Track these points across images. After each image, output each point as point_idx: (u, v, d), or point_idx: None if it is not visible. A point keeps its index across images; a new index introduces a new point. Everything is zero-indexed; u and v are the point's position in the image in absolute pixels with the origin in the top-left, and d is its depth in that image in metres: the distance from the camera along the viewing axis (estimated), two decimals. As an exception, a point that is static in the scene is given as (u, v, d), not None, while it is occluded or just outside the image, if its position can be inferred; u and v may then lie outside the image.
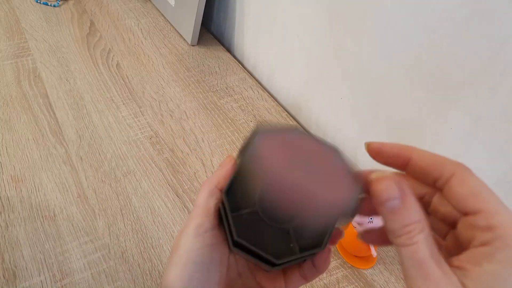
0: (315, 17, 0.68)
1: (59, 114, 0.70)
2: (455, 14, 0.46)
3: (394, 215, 0.21)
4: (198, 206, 0.27)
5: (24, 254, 0.51)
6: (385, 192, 0.21)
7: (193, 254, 0.26)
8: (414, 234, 0.20)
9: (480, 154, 0.49)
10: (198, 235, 0.26)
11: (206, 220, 0.27)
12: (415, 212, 0.21)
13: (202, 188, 0.28)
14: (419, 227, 0.20)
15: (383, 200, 0.21)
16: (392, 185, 0.21)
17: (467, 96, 0.48)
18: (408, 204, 0.21)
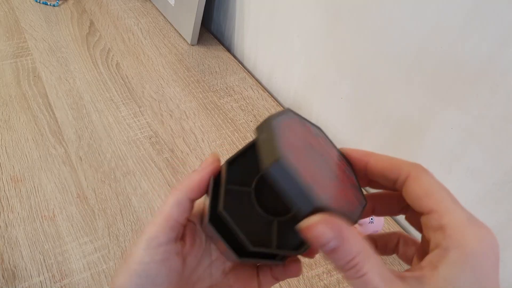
0: (315, 17, 0.68)
1: (59, 114, 0.70)
2: (455, 14, 0.46)
3: (336, 254, 0.20)
4: (160, 214, 0.26)
5: (24, 255, 0.51)
6: (320, 239, 0.20)
7: (139, 267, 0.25)
8: (361, 266, 0.20)
9: (480, 154, 0.49)
10: (149, 248, 0.25)
11: (162, 233, 0.26)
12: (355, 244, 0.20)
13: (172, 194, 0.27)
14: (363, 257, 0.20)
15: (320, 245, 0.20)
16: (325, 229, 0.20)
17: (467, 96, 0.48)
18: (345, 240, 0.20)
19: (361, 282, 0.20)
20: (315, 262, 0.54)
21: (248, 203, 0.27)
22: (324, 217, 0.20)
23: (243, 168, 0.27)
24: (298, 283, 0.52)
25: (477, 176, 0.50)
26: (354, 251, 0.20)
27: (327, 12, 0.65)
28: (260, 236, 0.27)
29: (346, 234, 0.20)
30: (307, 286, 0.52)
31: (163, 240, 0.26)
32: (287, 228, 0.27)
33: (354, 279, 0.20)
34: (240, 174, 0.27)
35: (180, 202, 0.26)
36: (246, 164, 0.27)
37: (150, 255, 0.25)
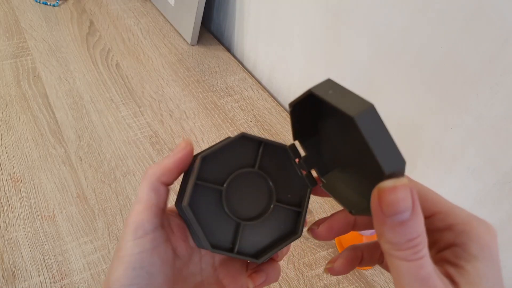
0: (315, 16, 0.68)
1: (59, 114, 0.70)
2: (456, 13, 0.46)
3: (402, 227, 0.18)
4: (139, 202, 0.26)
5: (24, 255, 0.51)
6: (400, 204, 0.18)
7: (131, 259, 0.25)
8: (420, 248, 0.18)
9: (480, 154, 0.49)
10: (136, 238, 0.25)
11: (146, 221, 0.25)
12: (422, 223, 0.18)
13: (144, 178, 0.26)
14: (424, 240, 0.18)
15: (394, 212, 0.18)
16: (408, 195, 0.18)
17: (468, 95, 0.48)
18: (418, 215, 0.18)
19: (413, 266, 0.18)
20: (315, 262, 0.54)
21: (217, 202, 0.27)
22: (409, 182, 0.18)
23: (217, 165, 0.27)
24: (298, 283, 0.52)
25: (477, 176, 0.50)
26: (420, 229, 0.18)
27: (327, 12, 0.65)
28: (222, 238, 0.27)
29: (419, 208, 0.18)
30: (307, 286, 0.52)
31: (148, 227, 0.25)
32: (252, 234, 0.27)
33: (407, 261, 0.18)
34: (213, 171, 0.27)
35: (154, 187, 0.26)
36: (221, 162, 0.27)
37: (139, 245, 0.25)
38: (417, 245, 0.18)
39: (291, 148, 0.28)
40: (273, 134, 0.72)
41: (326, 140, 0.27)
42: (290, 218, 0.28)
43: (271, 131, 0.72)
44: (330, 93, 0.21)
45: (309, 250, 0.55)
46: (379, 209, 0.18)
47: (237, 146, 0.27)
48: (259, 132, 0.72)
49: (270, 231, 0.27)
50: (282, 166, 0.28)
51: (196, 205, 0.26)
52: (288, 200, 0.28)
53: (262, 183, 0.28)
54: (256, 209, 0.27)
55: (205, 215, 0.26)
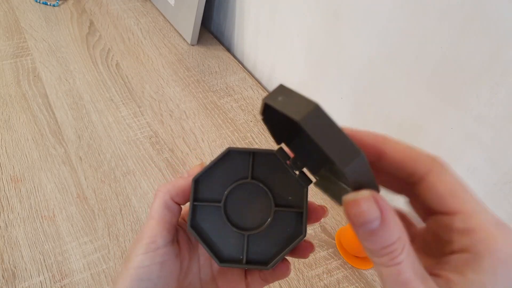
0: (315, 16, 0.68)
1: (59, 114, 0.70)
2: (456, 14, 0.46)
3: (374, 236, 0.19)
4: (152, 218, 0.27)
5: (24, 255, 0.51)
6: (364, 215, 0.18)
7: (140, 271, 0.25)
8: (396, 255, 0.18)
9: (480, 154, 0.49)
10: (148, 251, 0.26)
11: (159, 236, 0.26)
12: (395, 230, 0.19)
13: (158, 196, 0.27)
14: (401, 246, 0.18)
15: (361, 223, 0.19)
16: (372, 206, 0.18)
17: (468, 95, 0.48)
18: (388, 223, 0.18)
19: (393, 271, 0.19)
20: (315, 262, 0.54)
21: (219, 219, 0.28)
22: (372, 193, 0.19)
23: (211, 183, 0.28)
24: (298, 283, 0.52)
25: (477, 176, 0.50)
26: (394, 236, 0.18)
27: (327, 12, 0.65)
28: (230, 251, 0.28)
29: (389, 217, 0.19)
30: (307, 286, 0.52)
31: (161, 243, 0.26)
32: (258, 242, 0.28)
33: (386, 267, 0.19)
34: (209, 190, 0.28)
35: (168, 205, 0.27)
36: (215, 179, 0.28)
37: (150, 258, 0.26)
38: (392, 252, 0.18)
39: (279, 152, 0.28)
40: (273, 134, 0.72)
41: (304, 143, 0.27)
42: (293, 220, 0.28)
43: (271, 131, 0.72)
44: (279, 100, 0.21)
45: (309, 250, 0.55)
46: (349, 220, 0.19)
47: (227, 161, 0.28)
48: (259, 132, 0.72)
49: (275, 236, 0.28)
50: (275, 171, 0.28)
51: (199, 225, 0.27)
52: (289, 203, 0.28)
53: (258, 192, 0.28)
54: (258, 218, 0.28)
55: (209, 233, 0.28)
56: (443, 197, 0.20)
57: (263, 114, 0.24)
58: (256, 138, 0.70)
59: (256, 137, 0.71)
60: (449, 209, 0.20)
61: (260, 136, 0.71)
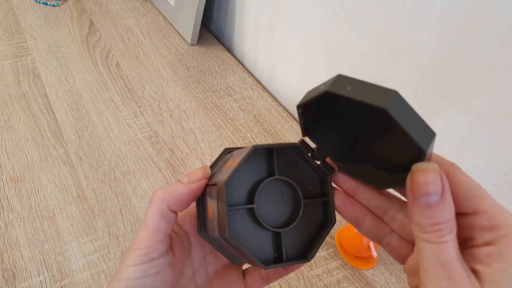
0: (315, 16, 0.68)
1: (59, 114, 0.70)
2: (456, 13, 0.46)
3: (429, 210, 0.19)
4: (147, 227, 0.25)
5: (24, 255, 0.51)
6: (428, 186, 0.19)
7: (132, 283, 0.24)
8: (445, 234, 0.19)
9: (480, 154, 0.49)
10: (141, 262, 0.25)
11: (154, 248, 0.25)
12: (450, 211, 0.20)
13: (153, 203, 0.26)
14: (450, 227, 0.19)
15: (422, 193, 0.19)
16: (438, 180, 0.19)
17: (468, 96, 0.48)
18: (445, 201, 0.19)
19: (436, 249, 0.19)
20: (315, 262, 0.54)
21: (252, 220, 0.27)
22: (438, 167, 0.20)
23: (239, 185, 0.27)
24: (298, 283, 0.52)
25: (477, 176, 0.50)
26: (448, 216, 0.19)
27: (327, 12, 0.65)
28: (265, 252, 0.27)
29: (448, 197, 0.20)
30: (307, 286, 0.52)
31: (155, 254, 0.25)
32: (293, 237, 0.27)
33: (430, 243, 0.19)
34: (238, 192, 0.27)
35: (164, 214, 0.26)
36: (242, 180, 0.27)
37: (142, 270, 0.25)
38: (441, 230, 0.19)
39: (301, 144, 0.28)
40: (273, 134, 0.72)
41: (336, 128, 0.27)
42: (319, 210, 0.28)
43: (271, 131, 0.72)
44: (349, 90, 0.21)
45: (309, 250, 0.55)
46: (410, 190, 0.20)
47: (251, 159, 0.27)
48: (259, 132, 0.72)
49: (305, 228, 0.28)
50: (297, 165, 0.28)
51: (235, 231, 0.26)
52: (311, 194, 0.28)
53: (285, 187, 0.28)
54: (286, 213, 0.28)
55: (245, 237, 0.26)
56: (464, 198, 0.21)
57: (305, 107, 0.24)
58: (256, 138, 0.70)
59: (256, 137, 0.71)
60: (471, 209, 0.21)
61: (260, 136, 0.71)
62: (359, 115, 0.25)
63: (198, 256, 0.30)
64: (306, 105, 0.24)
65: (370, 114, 0.23)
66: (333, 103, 0.25)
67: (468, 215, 0.21)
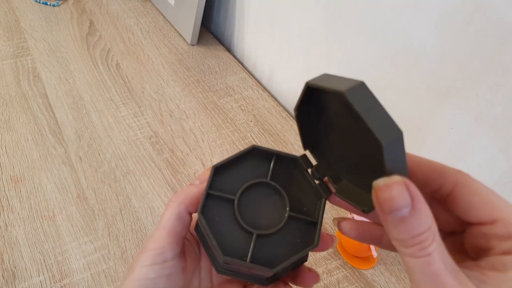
0: (315, 16, 0.68)
1: (59, 114, 0.70)
2: (456, 13, 0.46)
3: (404, 224, 0.18)
4: (163, 228, 0.25)
5: (24, 255, 0.51)
6: (395, 201, 0.18)
7: (145, 283, 0.24)
8: (427, 245, 0.18)
9: (480, 154, 0.49)
10: (155, 263, 0.25)
11: (168, 248, 0.25)
12: (426, 219, 0.18)
13: (170, 206, 0.26)
14: (431, 236, 0.18)
15: (391, 209, 0.18)
16: (403, 192, 0.18)
17: (468, 96, 0.48)
18: (418, 211, 0.18)
19: (423, 262, 0.18)
20: (315, 262, 0.54)
21: (230, 213, 0.27)
22: (404, 179, 0.18)
23: (230, 176, 0.27)
24: (298, 283, 0.52)
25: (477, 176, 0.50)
26: (425, 225, 0.18)
27: (327, 12, 0.64)
28: (235, 248, 0.26)
29: (420, 205, 0.18)
30: (307, 286, 0.52)
31: (169, 255, 0.25)
32: (267, 245, 0.27)
33: (415, 258, 0.18)
34: (226, 182, 0.27)
35: (181, 215, 0.26)
36: (233, 173, 0.27)
37: (156, 270, 0.25)
38: (423, 241, 0.18)
39: (302, 158, 0.28)
40: (273, 134, 0.72)
41: (334, 145, 0.27)
42: (306, 229, 0.27)
43: (271, 131, 0.72)
44: (324, 82, 0.21)
45: (309, 250, 0.55)
46: (378, 207, 0.19)
47: (249, 158, 0.27)
48: (259, 132, 0.72)
49: (285, 242, 0.27)
50: (294, 177, 0.28)
51: (210, 215, 0.26)
52: (303, 212, 0.27)
53: (275, 194, 0.27)
54: (270, 220, 0.27)
55: (218, 225, 0.26)
56: (477, 207, 0.20)
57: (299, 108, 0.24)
58: (256, 138, 0.70)
59: (256, 137, 0.71)
60: (487, 218, 0.20)
61: (260, 136, 0.71)
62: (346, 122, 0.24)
63: (205, 266, 0.30)
64: (300, 107, 0.24)
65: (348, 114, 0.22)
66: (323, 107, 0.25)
67: (485, 225, 0.20)
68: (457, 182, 0.21)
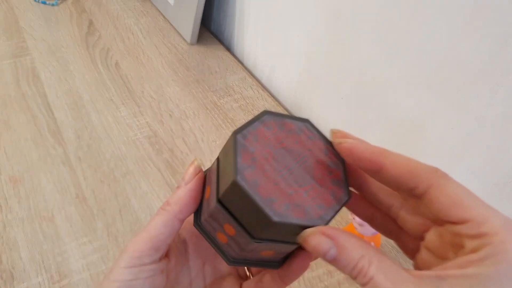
0: (315, 16, 0.67)
1: (58, 114, 0.70)
2: (456, 13, 0.46)
3: (338, 263, 0.20)
4: (147, 232, 0.25)
5: (22, 255, 0.51)
6: (318, 248, 0.20)
7: (122, 284, 0.24)
8: (365, 271, 0.19)
9: (481, 155, 0.49)
10: (133, 266, 0.25)
11: (146, 254, 0.25)
12: (355, 250, 0.20)
13: (160, 213, 0.26)
14: (366, 261, 0.20)
15: (321, 255, 0.20)
16: (322, 239, 0.20)
17: (468, 96, 0.48)
18: (343, 246, 0.20)
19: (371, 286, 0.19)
20: (315, 263, 0.54)
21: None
22: (318, 228, 0.21)
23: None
24: (299, 284, 0.52)
25: (477, 176, 0.50)
26: (355, 257, 0.20)
27: (328, 11, 0.64)
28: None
29: (343, 241, 0.20)
30: (307, 287, 0.52)
31: (147, 260, 0.25)
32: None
33: (364, 285, 0.20)
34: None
35: (168, 223, 0.26)
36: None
37: (133, 273, 0.25)
38: (361, 270, 0.20)
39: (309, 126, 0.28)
40: (273, 134, 0.71)
41: None
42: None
43: (271, 131, 0.72)
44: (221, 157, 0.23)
45: (309, 251, 0.55)
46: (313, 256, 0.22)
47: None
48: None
49: None
50: None
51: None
52: None
53: None
54: None
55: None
56: (448, 207, 0.21)
57: None
58: (256, 138, 0.70)
59: (256, 137, 0.70)
60: (457, 218, 0.21)
61: (260, 136, 0.71)
62: None
63: (195, 265, 0.30)
64: None
65: None
66: None
67: (457, 224, 0.21)
68: (431, 183, 0.21)
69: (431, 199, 0.22)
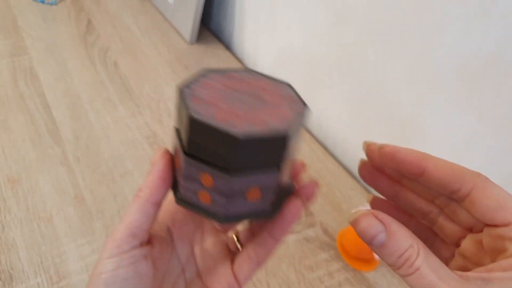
0: (316, 14, 0.67)
1: (56, 114, 0.69)
2: (458, 13, 0.45)
3: (385, 249, 0.20)
4: (122, 222, 0.26)
5: (21, 256, 0.50)
6: (368, 230, 0.20)
7: (106, 276, 0.25)
8: (412, 261, 0.19)
9: (483, 155, 0.49)
10: (112, 256, 0.25)
11: (124, 241, 0.25)
12: (404, 239, 0.20)
13: (134, 201, 0.26)
14: (415, 252, 0.19)
15: (369, 239, 0.20)
16: (373, 221, 0.20)
17: (471, 95, 0.47)
18: (394, 233, 0.20)
19: (415, 277, 0.19)
20: (316, 264, 0.54)
21: None
22: (371, 210, 0.20)
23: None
24: (299, 285, 0.51)
25: (479, 176, 0.50)
26: (404, 245, 0.19)
27: (328, 9, 0.64)
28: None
29: (394, 228, 0.20)
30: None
31: (126, 248, 0.25)
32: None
33: (408, 276, 0.19)
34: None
35: (142, 209, 0.26)
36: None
37: (113, 262, 0.25)
38: (408, 259, 0.19)
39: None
40: (273, 134, 0.71)
41: None
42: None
43: (271, 130, 0.72)
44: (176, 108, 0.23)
45: (310, 252, 0.55)
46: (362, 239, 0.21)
47: None
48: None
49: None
50: None
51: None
52: None
53: None
54: None
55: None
56: (492, 210, 0.21)
57: None
58: (255, 138, 0.70)
59: (256, 137, 0.70)
60: (501, 221, 0.21)
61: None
62: None
63: (184, 251, 0.30)
64: None
65: None
66: None
67: (500, 227, 0.21)
68: (475, 185, 0.22)
69: (474, 201, 0.22)
